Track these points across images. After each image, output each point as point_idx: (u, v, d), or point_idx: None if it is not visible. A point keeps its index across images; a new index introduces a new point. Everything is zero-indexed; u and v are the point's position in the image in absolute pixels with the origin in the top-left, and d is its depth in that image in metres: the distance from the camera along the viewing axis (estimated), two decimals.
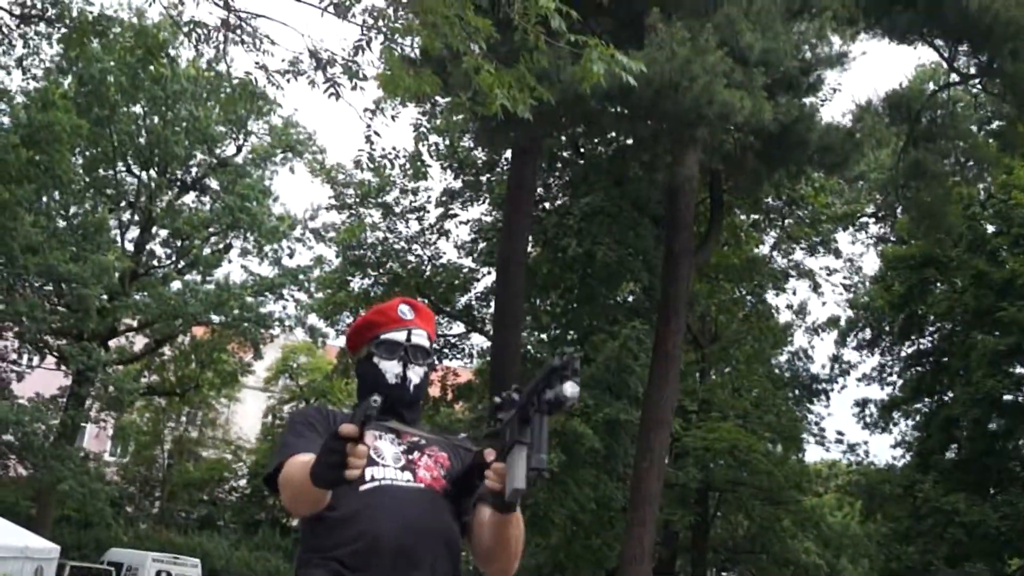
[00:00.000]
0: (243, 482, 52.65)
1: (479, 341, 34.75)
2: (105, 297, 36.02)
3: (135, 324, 40.34)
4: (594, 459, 28.95)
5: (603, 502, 29.59)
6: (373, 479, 3.23)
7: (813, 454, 46.38)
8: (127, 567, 37.48)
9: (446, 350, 36.41)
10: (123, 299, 36.86)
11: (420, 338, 3.51)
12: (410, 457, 3.35)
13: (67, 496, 34.78)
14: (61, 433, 36.05)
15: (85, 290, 32.68)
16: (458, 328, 36.41)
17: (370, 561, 3.10)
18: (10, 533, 26.35)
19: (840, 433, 41.77)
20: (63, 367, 37.05)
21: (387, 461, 3.30)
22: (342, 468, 2.69)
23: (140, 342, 43.10)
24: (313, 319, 38.45)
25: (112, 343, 40.13)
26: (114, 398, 36.89)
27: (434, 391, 35.53)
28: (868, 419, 40.01)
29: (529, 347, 32.51)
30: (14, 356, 39.03)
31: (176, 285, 39.24)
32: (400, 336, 3.46)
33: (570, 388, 2.79)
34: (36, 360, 39.45)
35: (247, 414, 53.24)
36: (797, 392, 41.84)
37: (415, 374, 3.46)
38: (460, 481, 3.32)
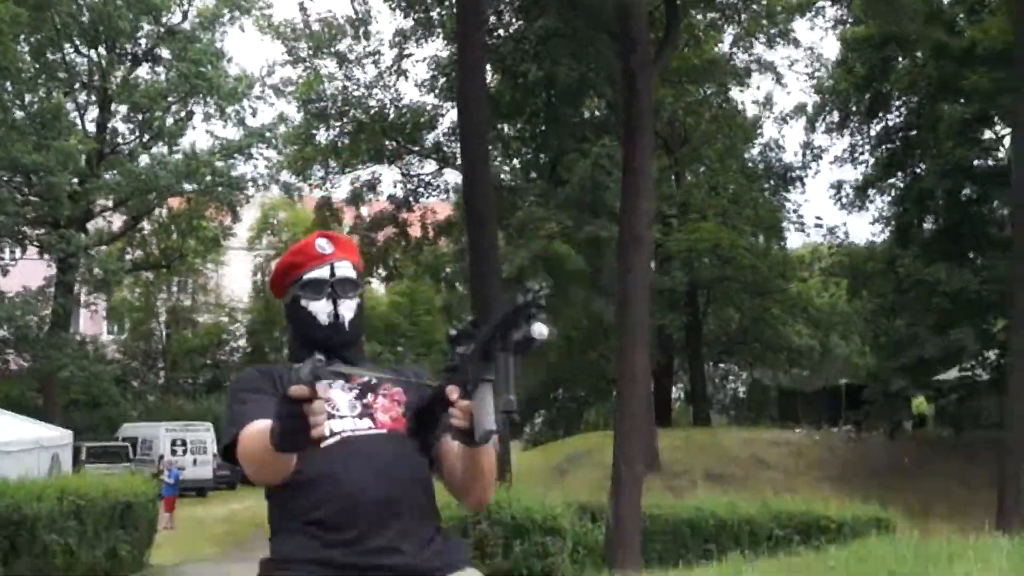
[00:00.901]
0: (243, 342, 53.11)
1: (453, 176, 34.70)
2: (76, 181, 35.80)
3: (110, 204, 40.17)
4: (580, 278, 29.18)
5: (594, 318, 29.95)
6: (333, 433, 3.04)
7: (794, 241, 46.72)
8: (142, 440, 38.14)
9: (421, 189, 36.36)
10: (93, 181, 36.67)
11: (344, 269, 3.32)
12: (365, 402, 3.19)
13: (70, 382, 35.12)
14: (54, 322, 36.26)
15: (52, 178, 32.46)
16: (430, 166, 36.28)
17: (347, 518, 2.98)
18: (22, 426, 26.67)
19: (818, 218, 42.38)
20: (45, 256, 37.06)
21: (343, 411, 3.14)
22: (305, 431, 2.55)
23: (118, 221, 42.92)
24: (285, 175, 38.30)
25: (90, 226, 40.01)
26: (101, 279, 36.97)
27: (415, 231, 35.66)
28: (844, 200, 40.19)
29: (503, 176, 32.52)
30: None
31: (144, 159, 38.98)
32: (323, 272, 3.28)
33: (538, 329, 2.60)
34: (18, 252, 39.44)
35: (236, 276, 53.33)
36: (772, 183, 41.95)
37: (347, 309, 3.28)
38: (421, 415, 3.17)
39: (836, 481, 29.38)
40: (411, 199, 36.04)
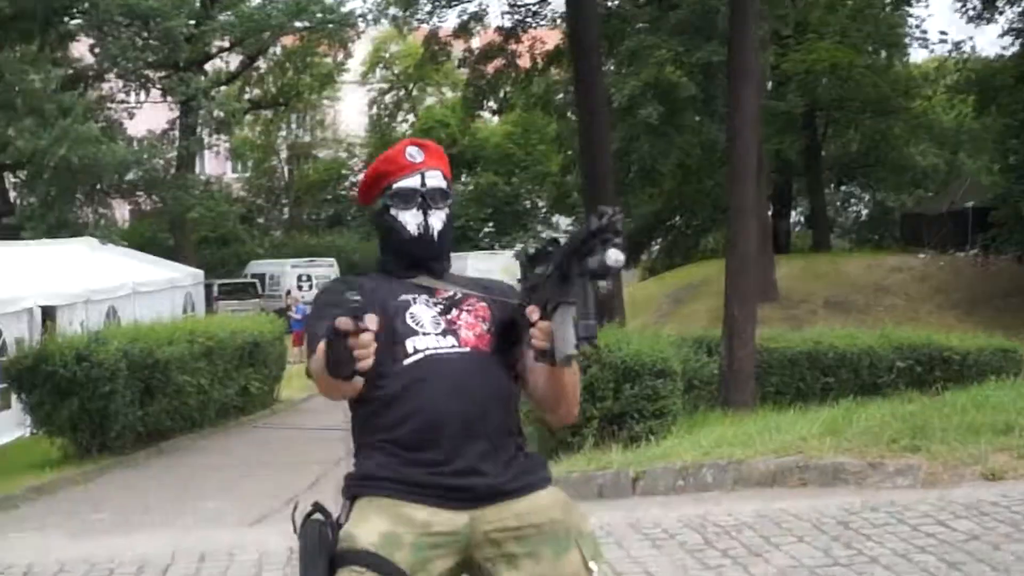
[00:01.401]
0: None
1: (560, 4, 34.00)
2: (191, 23, 36.03)
3: (226, 44, 40.49)
4: (693, 105, 28.70)
5: (708, 145, 29.53)
6: (416, 350, 3.03)
7: (917, 58, 45.07)
8: (269, 277, 39.08)
9: (528, 18, 35.73)
10: (208, 23, 36.93)
11: (435, 179, 3.23)
12: (448, 318, 3.13)
13: (198, 222, 35.92)
14: (180, 164, 36.98)
15: (169, 22, 32.69)
16: None
17: (427, 438, 2.96)
18: (155, 268, 27.47)
19: (943, 32, 40.47)
20: (168, 100, 37.61)
21: (427, 328, 3.09)
22: (350, 361, 2.55)
23: (235, 61, 43.33)
24: (394, 10, 37.99)
25: (208, 68, 40.43)
26: (222, 120, 37.46)
27: (524, 62, 35.22)
28: (971, 12, 38.50)
29: (610, 3, 31.82)
30: (121, 96, 39.73)
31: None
32: (413, 182, 3.20)
33: (613, 255, 2.56)
34: (142, 96, 40.13)
35: (351, 110, 53.52)
36: None
37: (437, 219, 3.20)
38: (505, 332, 3.13)
39: (961, 308, 28.85)
40: (519, 29, 35.51)
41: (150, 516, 10.10)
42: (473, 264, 42.78)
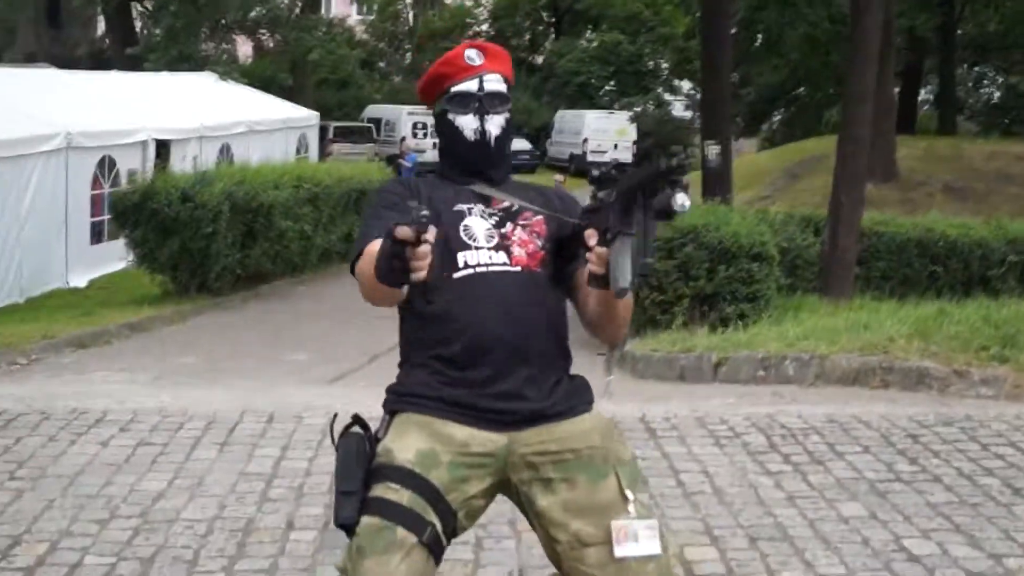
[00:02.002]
0: (485, 27, 52.93)
1: None
2: None
3: None
4: None
5: (837, 18, 28.52)
6: (467, 265, 2.97)
7: None
8: (385, 122, 39.12)
9: None
10: None
11: (494, 83, 3.12)
12: (503, 231, 3.04)
13: (318, 64, 35.91)
14: (305, 4, 36.84)
15: None
16: None
17: (473, 358, 2.90)
18: (271, 107, 27.58)
19: None
20: None
21: (480, 242, 3.01)
22: (404, 271, 2.47)
23: None
24: None
25: None
26: None
27: None
28: None
29: None
30: None
31: None
32: (471, 86, 3.09)
33: (680, 199, 2.52)
34: None
35: None
36: None
37: (494, 125, 3.10)
38: (560, 248, 3.06)
39: None
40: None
41: (235, 363, 10.22)
42: (590, 122, 42.54)
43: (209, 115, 22.54)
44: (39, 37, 37.70)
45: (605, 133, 41.86)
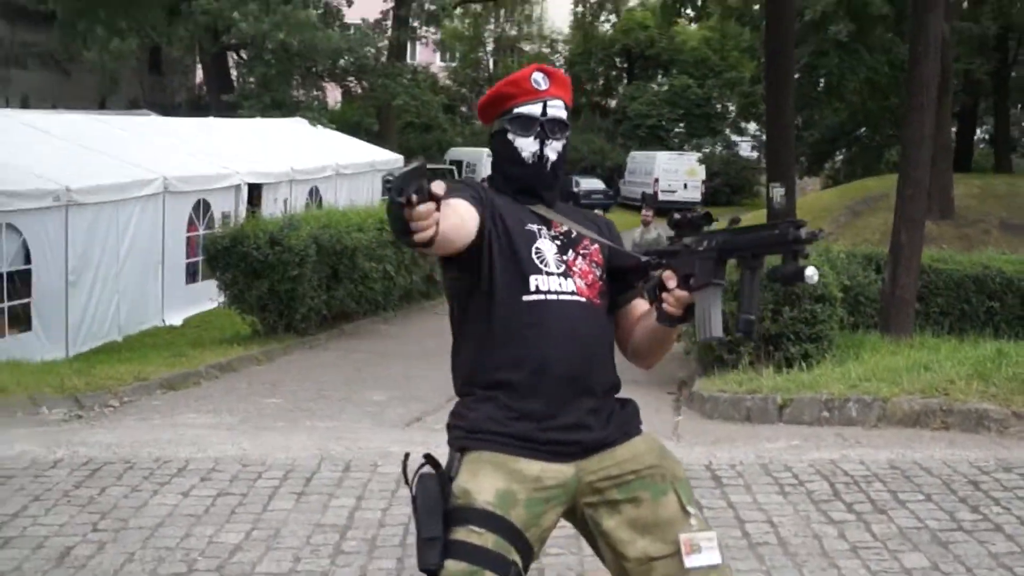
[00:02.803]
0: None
1: None
2: None
3: None
4: (883, 23, 27.36)
5: (896, 63, 28.12)
6: (538, 290, 2.90)
7: None
8: (467, 163, 39.18)
9: None
10: None
11: (556, 109, 3.02)
12: (566, 258, 2.99)
13: (403, 109, 36.05)
14: (391, 52, 37.07)
15: None
16: None
17: (537, 387, 2.84)
18: (357, 150, 27.71)
19: None
20: None
21: (550, 267, 2.94)
22: (407, 232, 2.33)
23: None
24: None
25: None
26: (433, 12, 37.31)
27: None
28: None
29: None
30: None
31: None
32: (535, 109, 2.99)
33: (812, 272, 2.45)
34: None
35: (557, 7, 52.90)
36: None
37: (552, 150, 3.01)
38: (613, 277, 3.04)
39: None
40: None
41: (317, 404, 10.11)
42: (661, 162, 42.31)
43: (299, 159, 22.63)
44: (141, 84, 38.29)
45: (675, 173, 41.68)
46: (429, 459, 2.83)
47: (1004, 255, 16.75)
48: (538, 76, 3.05)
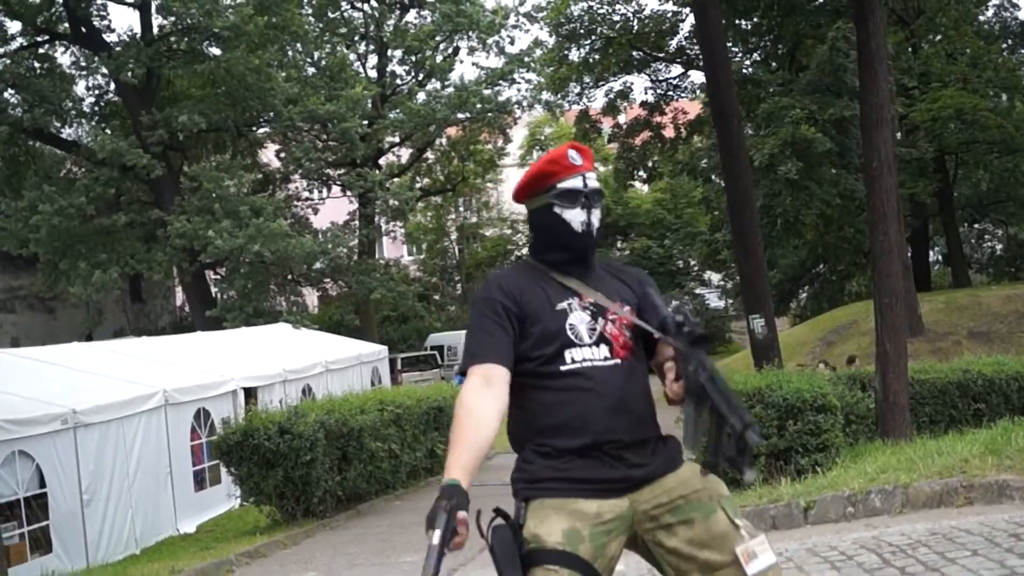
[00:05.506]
0: (525, 250, 53.79)
1: (699, 76, 33.92)
2: (365, 123, 36.84)
3: (397, 140, 41.35)
4: (829, 159, 28.19)
5: (847, 195, 28.90)
6: (573, 361, 3.10)
7: None
8: (447, 347, 39.35)
9: (670, 92, 35.80)
10: (380, 121, 37.79)
11: (593, 181, 3.30)
12: (596, 326, 3.17)
13: (380, 302, 36.41)
14: (361, 250, 37.71)
15: (345, 123, 33.42)
16: (676, 69, 35.68)
17: (582, 448, 3.04)
18: (344, 346, 27.86)
19: None
20: (347, 194, 38.42)
21: (584, 339, 3.13)
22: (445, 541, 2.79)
23: (405, 154, 44.25)
24: (546, 95, 38.34)
25: (382, 162, 41.28)
26: (396, 208, 38.00)
27: (669, 132, 35.13)
28: None
29: (744, 70, 31.57)
30: (306, 194, 40.92)
31: (421, 96, 39.99)
32: (577, 183, 3.24)
33: (753, 437, 2.77)
34: (324, 192, 41.31)
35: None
36: (1010, 42, 39.17)
37: (596, 217, 3.26)
38: (642, 338, 3.24)
39: None
40: (662, 102, 35.60)
41: (354, 572, 10.02)
42: None
43: (289, 360, 22.75)
44: (126, 313, 38.54)
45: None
46: (499, 512, 3.04)
47: (981, 359, 16.94)
48: (573, 153, 3.31)
